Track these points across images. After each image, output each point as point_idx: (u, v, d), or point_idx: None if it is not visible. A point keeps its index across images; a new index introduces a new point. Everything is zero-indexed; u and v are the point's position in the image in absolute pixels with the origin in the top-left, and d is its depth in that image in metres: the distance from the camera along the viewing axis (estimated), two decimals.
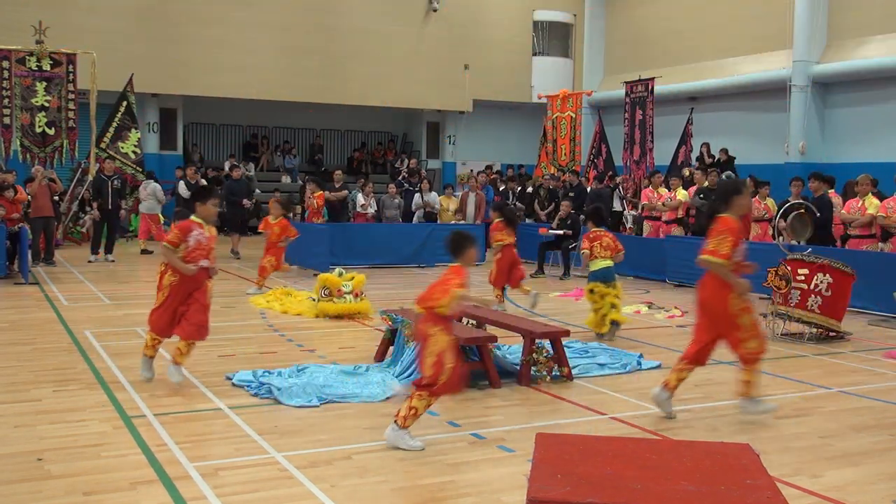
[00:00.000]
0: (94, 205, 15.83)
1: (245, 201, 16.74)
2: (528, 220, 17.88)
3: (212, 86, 22.61)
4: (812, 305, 8.83)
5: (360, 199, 17.04)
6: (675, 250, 13.64)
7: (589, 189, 17.46)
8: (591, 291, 8.89)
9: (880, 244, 11.51)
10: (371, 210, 16.93)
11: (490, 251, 10.47)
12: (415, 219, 17.58)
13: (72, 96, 16.87)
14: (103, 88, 17.67)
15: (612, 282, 8.90)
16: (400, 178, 20.84)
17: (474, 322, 7.67)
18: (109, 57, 19.07)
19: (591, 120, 22.73)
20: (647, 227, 15.41)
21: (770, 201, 13.69)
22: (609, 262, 8.95)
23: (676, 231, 14.57)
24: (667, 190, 15.23)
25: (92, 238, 16.20)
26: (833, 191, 13.00)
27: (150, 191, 17.19)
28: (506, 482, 4.59)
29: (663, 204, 14.80)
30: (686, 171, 16.25)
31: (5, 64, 16.36)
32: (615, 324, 8.79)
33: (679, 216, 14.71)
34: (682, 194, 14.57)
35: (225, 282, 13.06)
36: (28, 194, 14.09)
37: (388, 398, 6.24)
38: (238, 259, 16.14)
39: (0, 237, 12.63)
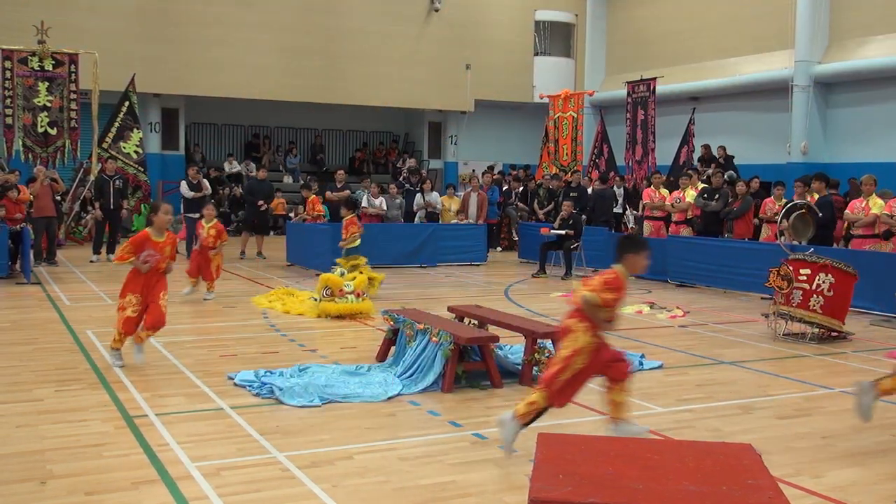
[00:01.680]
0: (96, 205, 15.84)
1: (261, 203, 16.70)
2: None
3: (213, 86, 22.63)
4: (814, 305, 8.82)
5: (377, 202, 16.89)
6: (677, 250, 13.64)
7: (591, 190, 17.46)
8: (355, 267, 11.22)
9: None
10: (383, 210, 16.89)
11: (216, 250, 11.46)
12: (416, 219, 17.57)
13: (74, 96, 16.88)
14: (105, 88, 17.70)
15: (361, 255, 11.70)
16: (401, 178, 20.84)
17: (476, 322, 7.67)
18: (111, 57, 19.11)
19: (593, 120, 22.75)
20: (647, 226, 15.40)
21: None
22: (358, 241, 11.77)
23: (686, 232, 14.51)
24: (667, 190, 15.22)
25: (94, 238, 16.21)
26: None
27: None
28: (507, 482, 4.58)
29: (672, 205, 14.77)
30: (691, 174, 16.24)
31: (7, 64, 16.38)
32: (372, 280, 11.07)
33: (688, 217, 14.68)
34: (690, 195, 14.53)
35: (227, 282, 13.08)
36: (30, 194, 14.11)
37: (389, 398, 6.24)
38: (264, 259, 16.24)
39: (2, 237, 12.65)
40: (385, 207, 16.83)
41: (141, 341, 7.07)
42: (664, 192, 15.11)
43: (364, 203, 16.88)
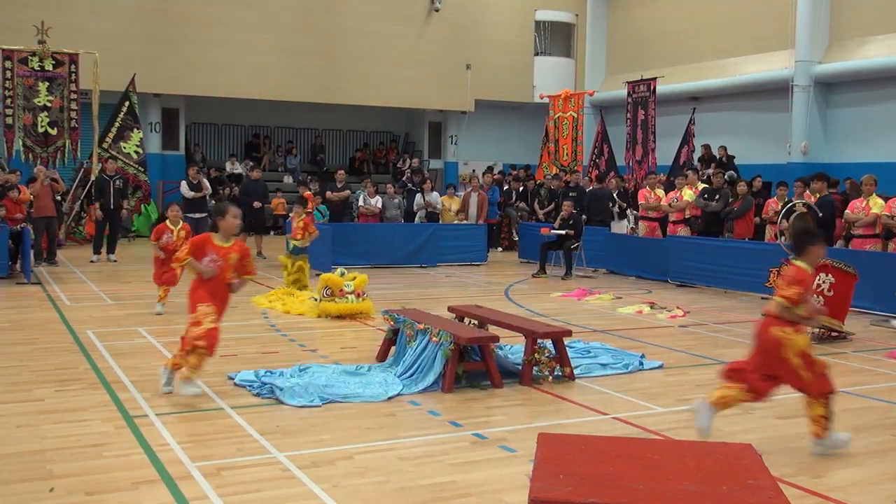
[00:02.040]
0: (97, 204, 15.84)
1: (255, 203, 16.67)
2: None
3: (213, 86, 22.63)
4: None
5: (372, 201, 16.84)
6: (678, 250, 13.64)
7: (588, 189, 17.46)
8: (298, 266, 11.39)
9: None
10: (378, 209, 16.86)
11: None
12: (416, 219, 17.58)
13: (74, 96, 16.88)
14: (105, 88, 17.69)
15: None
16: (404, 178, 20.84)
17: (476, 322, 7.67)
18: (111, 57, 19.09)
19: (593, 120, 22.75)
20: (642, 227, 15.45)
21: None
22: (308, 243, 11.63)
23: (683, 231, 14.53)
24: (662, 191, 15.27)
25: (94, 238, 16.21)
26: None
27: None
28: (508, 482, 4.58)
29: (670, 205, 14.79)
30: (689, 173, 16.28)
31: (8, 64, 16.39)
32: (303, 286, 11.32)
33: (686, 216, 14.70)
34: (687, 194, 14.55)
35: None
36: (30, 194, 14.11)
37: (389, 398, 6.24)
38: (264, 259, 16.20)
39: (2, 237, 12.65)
40: (380, 206, 16.81)
41: (184, 376, 5.97)
42: (659, 192, 15.18)
43: (360, 203, 16.87)
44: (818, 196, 12.36)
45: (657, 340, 8.85)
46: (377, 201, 16.84)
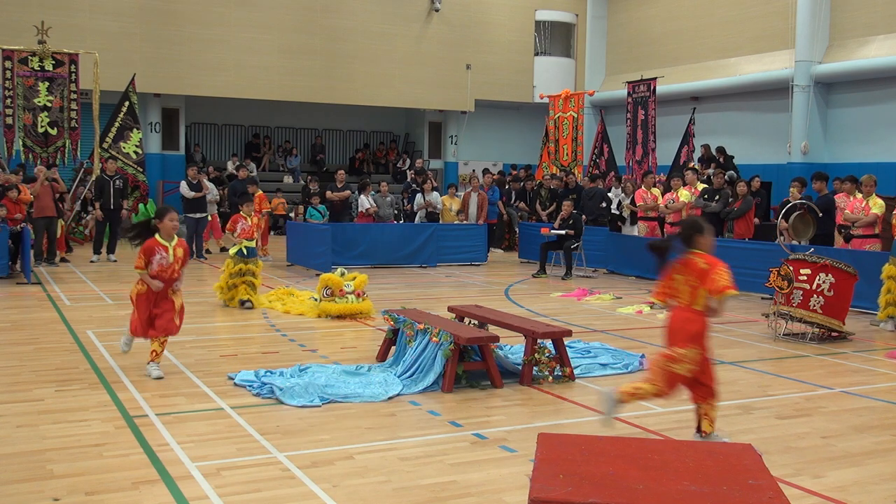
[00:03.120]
0: (97, 205, 15.85)
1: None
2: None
3: (213, 86, 22.65)
4: (814, 305, 8.82)
5: (368, 200, 16.87)
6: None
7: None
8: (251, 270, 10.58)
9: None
10: (375, 206, 16.86)
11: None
12: (417, 219, 17.58)
13: (74, 96, 16.90)
14: (106, 88, 17.71)
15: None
16: (409, 179, 20.84)
17: (476, 322, 7.67)
18: (112, 57, 19.12)
19: (594, 120, 22.76)
20: (642, 227, 15.43)
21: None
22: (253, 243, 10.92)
23: None
24: (658, 191, 15.27)
25: (94, 238, 16.23)
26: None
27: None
28: (508, 482, 4.58)
29: (666, 206, 14.79)
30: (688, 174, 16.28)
31: (8, 64, 16.40)
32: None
33: (683, 217, 14.71)
34: (684, 195, 14.57)
35: None
36: (31, 194, 14.11)
37: (389, 398, 6.25)
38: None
39: (3, 237, 12.65)
40: (375, 205, 16.78)
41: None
42: (656, 192, 15.19)
43: (366, 206, 16.84)
44: (820, 195, 12.36)
45: (657, 340, 8.83)
46: (371, 199, 16.86)
